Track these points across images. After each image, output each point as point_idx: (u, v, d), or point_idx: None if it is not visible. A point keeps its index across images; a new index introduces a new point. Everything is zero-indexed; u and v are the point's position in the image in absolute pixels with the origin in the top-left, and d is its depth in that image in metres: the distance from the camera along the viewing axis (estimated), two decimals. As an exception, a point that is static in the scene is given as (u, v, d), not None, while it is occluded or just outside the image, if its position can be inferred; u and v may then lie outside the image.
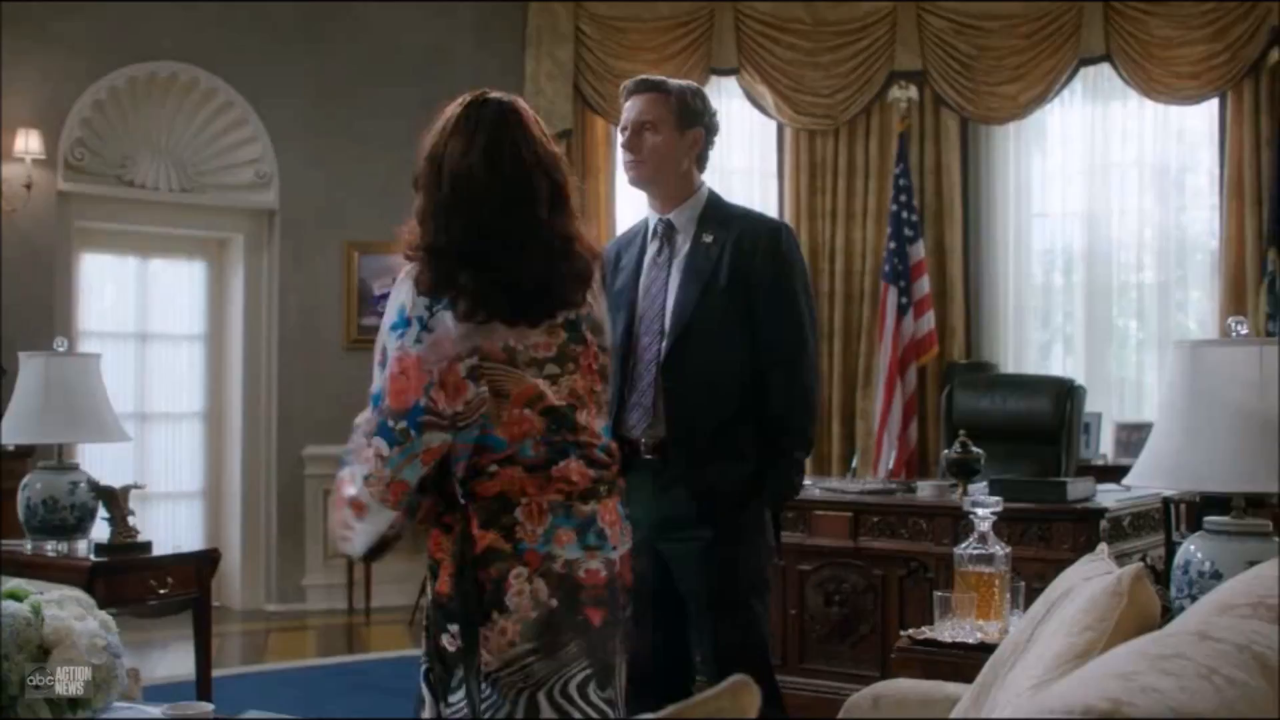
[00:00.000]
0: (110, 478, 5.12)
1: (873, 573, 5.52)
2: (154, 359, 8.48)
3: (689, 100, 3.60)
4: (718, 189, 3.72)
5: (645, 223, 3.69)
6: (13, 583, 3.01)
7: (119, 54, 8.00)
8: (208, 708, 3.03)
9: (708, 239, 3.53)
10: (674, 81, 3.64)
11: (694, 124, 3.59)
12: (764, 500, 3.47)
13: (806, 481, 6.08)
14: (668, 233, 3.61)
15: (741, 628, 3.46)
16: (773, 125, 9.24)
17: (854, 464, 6.47)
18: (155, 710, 3.04)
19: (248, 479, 8.54)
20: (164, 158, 8.26)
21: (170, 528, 8.36)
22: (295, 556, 8.54)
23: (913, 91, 8.82)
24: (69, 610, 2.86)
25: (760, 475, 3.44)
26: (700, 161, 3.64)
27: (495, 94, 2.76)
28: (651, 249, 3.62)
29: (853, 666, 5.48)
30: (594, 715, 2.55)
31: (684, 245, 3.56)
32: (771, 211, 9.07)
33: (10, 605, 2.82)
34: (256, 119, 8.44)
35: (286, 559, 8.51)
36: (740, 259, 3.49)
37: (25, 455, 6.71)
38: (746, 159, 9.31)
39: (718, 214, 3.59)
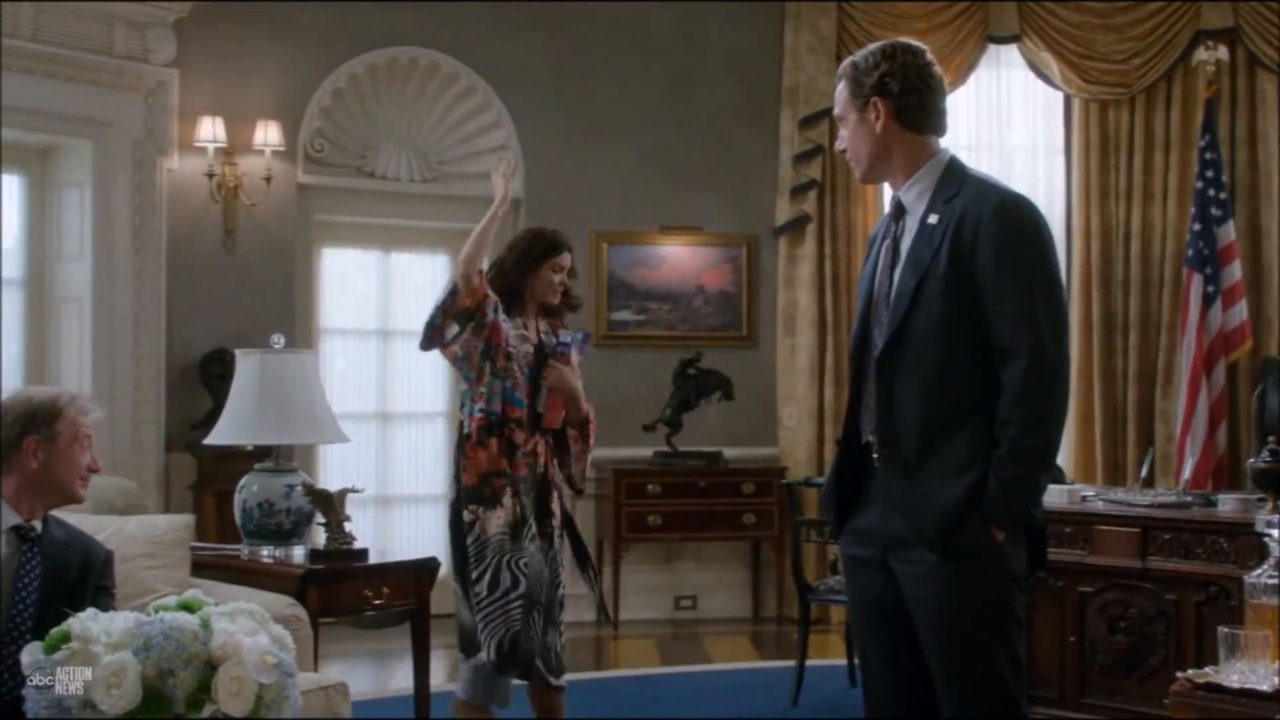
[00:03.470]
0: (348, 481, 5.18)
1: (1164, 597, 5.18)
2: (396, 357, 8.60)
3: (856, 75, 3.33)
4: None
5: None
6: (189, 593, 2.99)
7: (358, 41, 8.18)
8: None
9: (932, 219, 3.24)
10: (846, 62, 3.39)
11: (868, 95, 3.30)
12: (985, 519, 3.15)
13: (1088, 492, 5.78)
14: (897, 213, 3.35)
15: (976, 667, 3.18)
16: (1059, 96, 8.86)
17: (1144, 471, 6.03)
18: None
19: (493, 483, 8.57)
20: (405, 147, 8.39)
21: (415, 533, 8.49)
22: (541, 565, 8.54)
23: (1222, 52, 8.29)
24: (240, 624, 2.81)
25: (980, 490, 3.14)
26: (912, 124, 3.30)
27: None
28: (888, 232, 3.38)
29: (1141, 704, 5.17)
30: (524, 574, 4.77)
31: (912, 227, 3.29)
32: (1058, 192, 8.77)
33: (180, 617, 2.80)
34: (500, 104, 8.49)
35: (532, 567, 8.51)
36: (961, 241, 3.18)
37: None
38: (1029, 134, 8.93)
39: (950, 189, 3.28)
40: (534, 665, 4.95)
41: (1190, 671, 3.23)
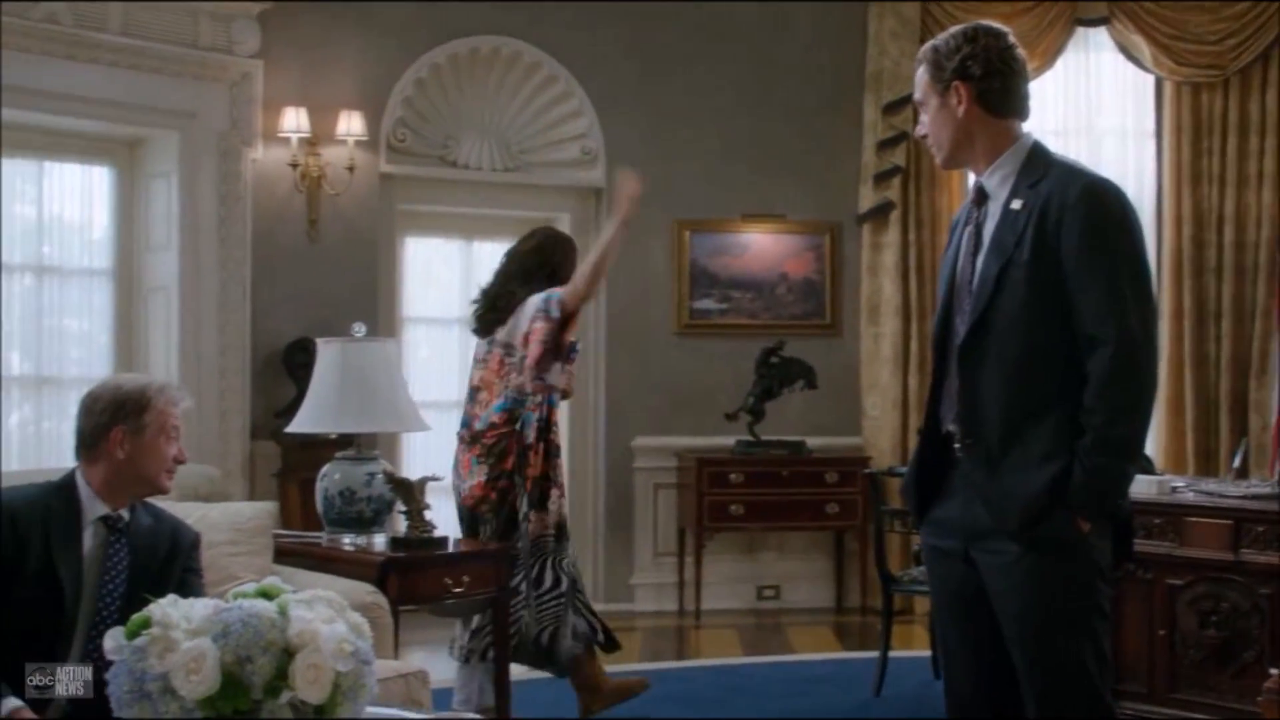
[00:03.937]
0: (429, 469, 5.20)
1: (1258, 591, 5.07)
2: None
3: (937, 59, 3.28)
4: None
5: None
6: (268, 580, 3.00)
7: (440, 30, 8.20)
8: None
9: (1016, 205, 3.19)
10: (927, 45, 3.34)
11: (949, 79, 3.25)
12: (1069, 510, 3.10)
13: (1179, 482, 5.66)
14: (979, 199, 3.30)
15: (1059, 661, 3.13)
16: (1149, 80, 8.71)
17: (1236, 462, 5.92)
18: (414, 714, 2.99)
19: (574, 472, 8.53)
20: (487, 136, 8.41)
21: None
22: (623, 554, 8.54)
23: (1321, 32, 8.10)
24: (317, 612, 2.81)
25: (1064, 480, 3.08)
26: (995, 109, 3.25)
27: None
28: (970, 218, 3.33)
29: (1234, 700, 5.06)
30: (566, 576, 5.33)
31: (995, 213, 3.24)
32: (1149, 177, 8.63)
33: (258, 604, 2.80)
34: (582, 93, 8.49)
35: (614, 557, 8.52)
36: (1045, 226, 3.12)
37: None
38: (1119, 118, 8.80)
39: (1034, 174, 3.22)
40: (566, 664, 5.38)
41: (1283, 667, 3.15)
